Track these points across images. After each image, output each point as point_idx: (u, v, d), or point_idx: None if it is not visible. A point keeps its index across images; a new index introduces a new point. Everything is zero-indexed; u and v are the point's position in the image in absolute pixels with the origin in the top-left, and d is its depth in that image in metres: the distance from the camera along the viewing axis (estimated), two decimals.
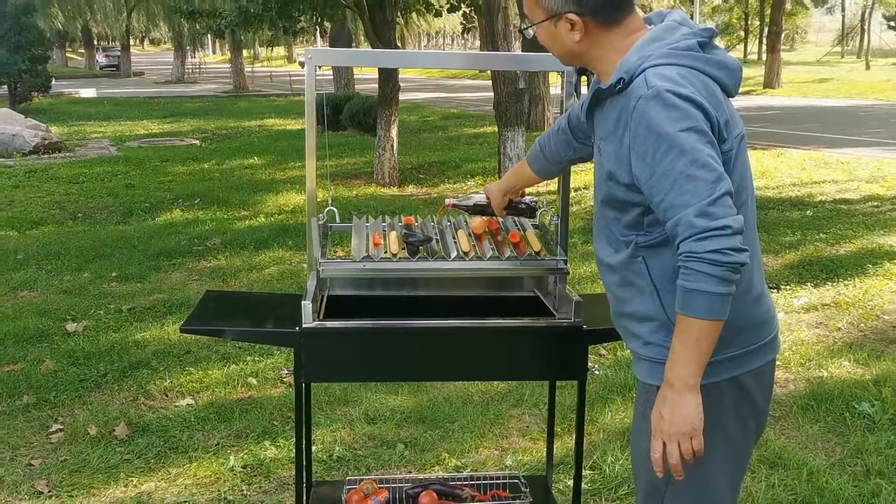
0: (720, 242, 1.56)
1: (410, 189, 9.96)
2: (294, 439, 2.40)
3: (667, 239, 1.67)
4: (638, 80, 1.65)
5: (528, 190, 2.39)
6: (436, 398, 4.00)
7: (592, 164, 1.90)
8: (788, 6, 38.22)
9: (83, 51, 48.78)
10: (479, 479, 2.82)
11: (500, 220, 2.49)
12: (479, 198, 2.41)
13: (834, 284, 5.75)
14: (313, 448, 3.33)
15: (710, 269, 1.56)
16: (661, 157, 1.60)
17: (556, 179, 2.56)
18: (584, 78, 2.31)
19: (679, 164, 1.58)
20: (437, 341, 2.29)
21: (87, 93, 26.30)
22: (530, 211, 2.37)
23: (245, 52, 36.04)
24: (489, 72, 14.51)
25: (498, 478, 2.82)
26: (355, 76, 20.57)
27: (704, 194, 1.57)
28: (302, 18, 11.41)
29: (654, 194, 1.63)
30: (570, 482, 2.68)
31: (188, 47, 36.39)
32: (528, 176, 2.26)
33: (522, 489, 2.76)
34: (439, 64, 2.62)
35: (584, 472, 3.23)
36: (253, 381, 4.20)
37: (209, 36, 31.37)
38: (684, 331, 1.61)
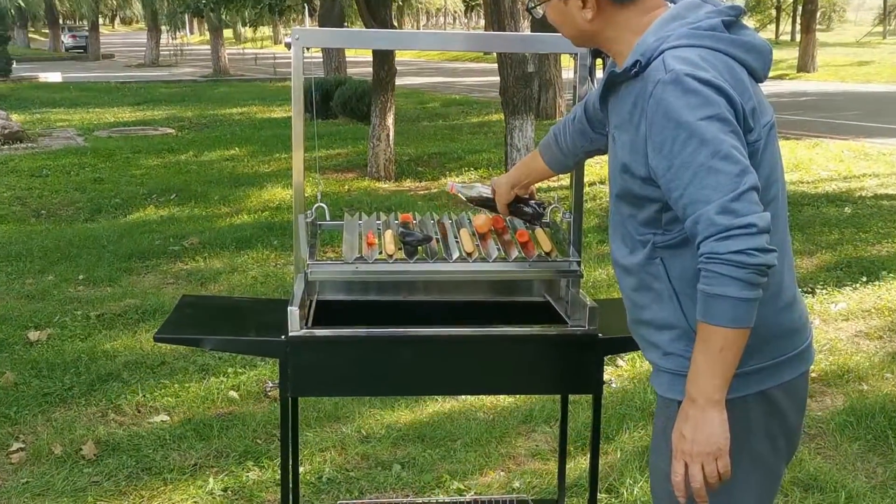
0: (744, 242, 1.56)
1: (408, 183, 9.97)
2: (279, 459, 2.40)
3: (687, 238, 1.67)
4: (655, 62, 1.66)
5: (537, 185, 2.39)
6: (436, 414, 4.01)
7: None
8: None
9: (47, 31, 48.84)
10: (484, 503, 2.82)
11: (507, 219, 2.49)
12: (484, 189, 2.40)
13: (875, 288, 5.74)
14: (301, 469, 3.33)
15: (734, 271, 1.56)
16: (680, 147, 1.60)
17: (570, 173, 2.56)
18: (599, 61, 2.31)
19: (699, 155, 1.58)
20: (437, 351, 2.29)
21: (52, 77, 26.33)
22: (535, 217, 2.37)
23: (227, 33, 36.06)
24: (495, 54, 14.50)
25: (505, 502, 2.83)
26: (347, 59, 20.57)
27: (727, 189, 1.57)
28: None
29: (673, 189, 1.63)
30: None
31: (165, 27, 36.41)
32: (540, 169, 2.26)
33: None
34: (440, 45, 2.62)
35: (600, 496, 3.23)
36: (234, 395, 4.20)
37: (187, 14, 31.40)
38: (706, 340, 1.62)
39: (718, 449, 1.64)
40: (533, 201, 2.36)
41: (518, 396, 4.10)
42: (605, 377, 2.37)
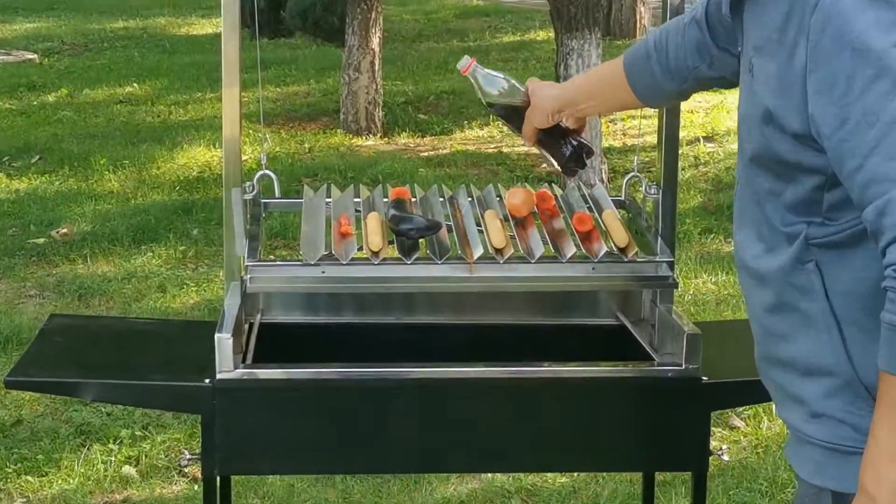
0: None
1: (404, 139, 9.98)
2: None
3: (863, 234, 1.67)
4: None
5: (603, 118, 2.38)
6: (449, 501, 4.01)
7: (737, 95, 1.89)
8: None
9: None
10: None
11: (560, 195, 2.49)
12: (517, 89, 2.36)
13: None
14: None
15: None
16: (862, 89, 1.59)
17: (658, 117, 2.55)
18: None
19: (893, 103, 1.57)
20: (450, 403, 2.30)
21: None
22: (573, 162, 2.31)
23: None
24: None
25: None
26: None
27: None
28: None
29: (846, 154, 1.62)
30: None
31: None
32: (616, 92, 2.24)
33: None
34: None
35: None
36: (131, 471, 4.21)
37: None
38: (893, 402, 1.60)
39: None
40: (576, 141, 2.30)
41: (576, 474, 4.10)
42: (713, 444, 2.36)
